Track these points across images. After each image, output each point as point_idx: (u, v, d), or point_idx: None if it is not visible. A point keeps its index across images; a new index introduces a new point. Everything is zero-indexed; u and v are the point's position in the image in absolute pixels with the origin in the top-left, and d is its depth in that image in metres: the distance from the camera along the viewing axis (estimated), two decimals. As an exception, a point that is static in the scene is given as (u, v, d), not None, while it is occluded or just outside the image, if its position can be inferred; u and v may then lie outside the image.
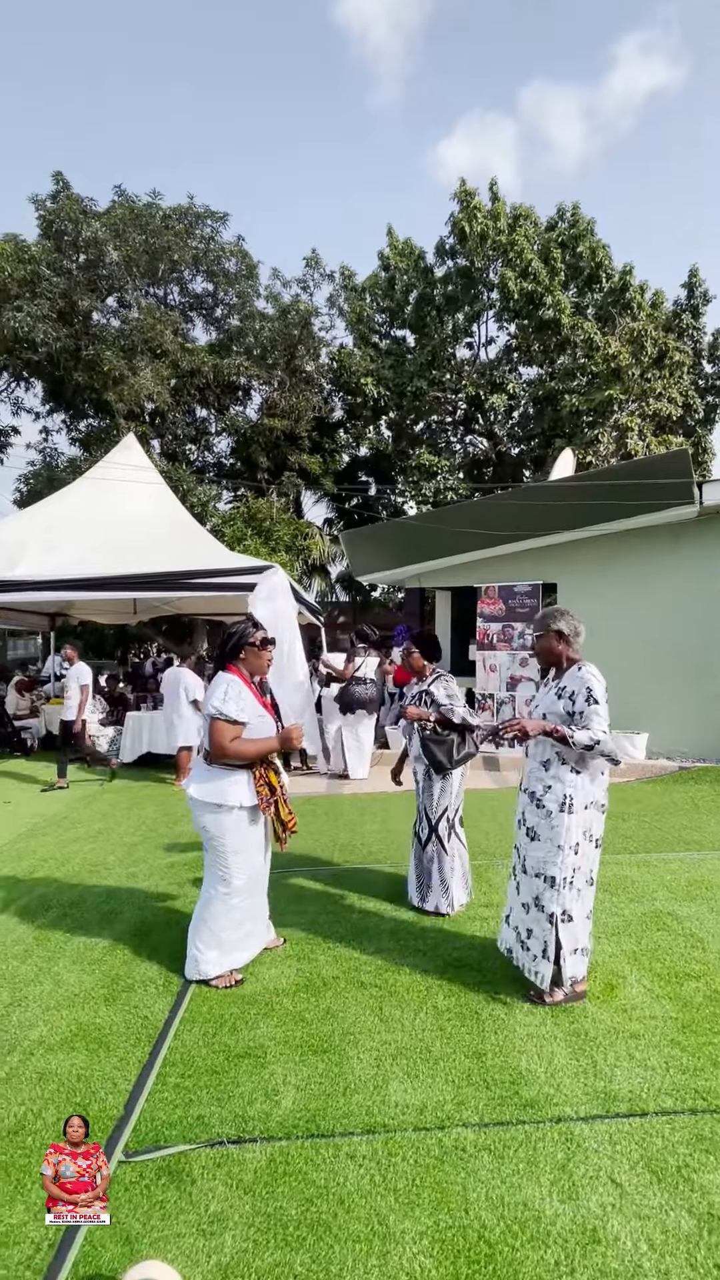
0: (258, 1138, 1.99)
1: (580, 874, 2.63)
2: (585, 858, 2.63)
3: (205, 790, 2.79)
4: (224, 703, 2.72)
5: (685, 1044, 2.37)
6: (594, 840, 2.65)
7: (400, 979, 2.86)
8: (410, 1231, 1.66)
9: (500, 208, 16.19)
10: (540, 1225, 1.66)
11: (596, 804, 2.64)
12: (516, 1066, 2.27)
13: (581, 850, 2.62)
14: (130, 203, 13.10)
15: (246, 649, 2.86)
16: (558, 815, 2.61)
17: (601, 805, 2.66)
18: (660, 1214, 1.69)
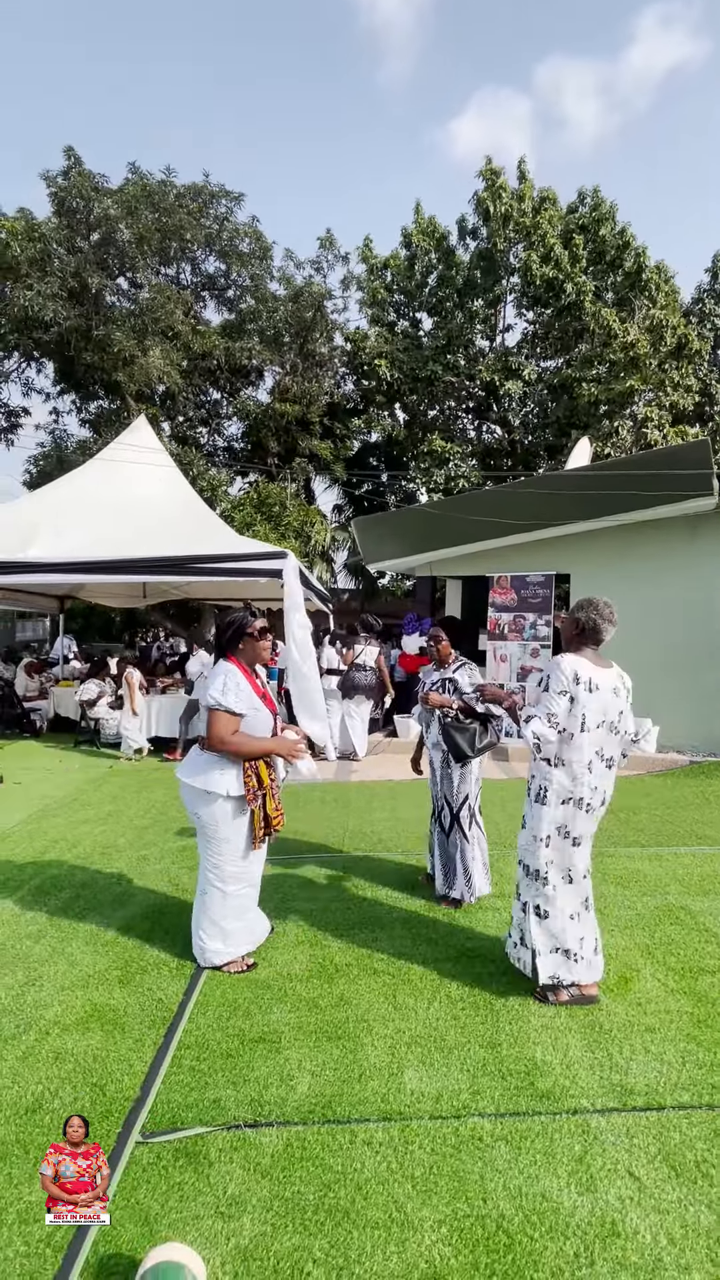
0: (274, 1122, 1.99)
1: (555, 869, 2.57)
2: (559, 853, 2.57)
3: (195, 777, 2.78)
4: (223, 694, 2.69)
5: (701, 1039, 2.36)
6: (571, 838, 2.56)
7: (413, 967, 2.86)
8: (429, 1220, 1.66)
9: (528, 188, 15.87)
10: (559, 1216, 1.66)
11: (575, 800, 2.54)
12: (531, 1057, 2.27)
13: (554, 844, 2.56)
14: (144, 180, 12.90)
15: (245, 639, 2.81)
16: (533, 805, 2.62)
17: (582, 801, 2.54)
18: (680, 1208, 1.68)
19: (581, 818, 2.57)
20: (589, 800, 2.56)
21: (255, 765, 2.76)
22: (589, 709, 2.50)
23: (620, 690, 2.58)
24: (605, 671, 2.57)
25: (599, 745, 2.53)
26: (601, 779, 2.57)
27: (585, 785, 2.54)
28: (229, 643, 2.83)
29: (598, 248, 15.65)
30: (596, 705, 2.51)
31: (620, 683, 2.60)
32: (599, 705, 2.51)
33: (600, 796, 2.59)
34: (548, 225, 15.05)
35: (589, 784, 2.54)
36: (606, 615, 2.61)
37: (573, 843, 2.58)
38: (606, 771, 2.59)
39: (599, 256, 15.84)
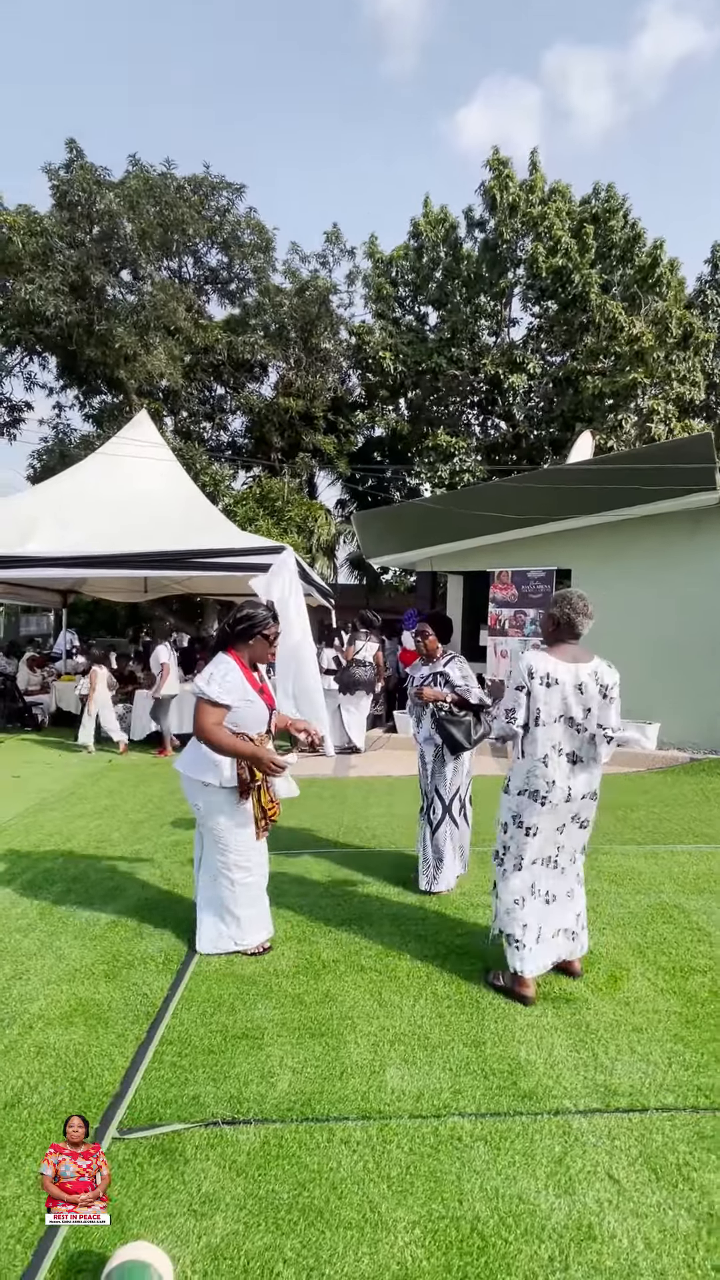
0: (252, 1119, 1.98)
1: (509, 855, 2.62)
2: (514, 840, 2.60)
3: (190, 766, 2.81)
4: (208, 684, 2.68)
5: (689, 1039, 2.33)
6: (525, 827, 2.57)
7: (401, 964, 2.84)
8: (403, 1220, 1.64)
9: (539, 179, 15.71)
10: (535, 1219, 1.64)
11: (530, 791, 2.55)
12: (515, 1057, 2.24)
13: (510, 831, 2.62)
14: (145, 173, 12.82)
15: (257, 637, 2.80)
16: (501, 792, 2.70)
17: (537, 794, 2.53)
18: (658, 1212, 1.65)
19: (536, 810, 2.56)
20: (545, 794, 2.54)
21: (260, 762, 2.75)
22: (545, 704, 2.50)
23: (589, 686, 2.53)
24: (574, 666, 2.54)
25: (556, 740, 2.52)
26: (560, 773, 2.53)
27: (541, 779, 2.54)
28: (237, 636, 2.80)
29: (608, 240, 15.49)
30: (555, 700, 2.50)
31: (591, 678, 2.54)
32: (557, 700, 2.50)
33: (562, 792, 2.54)
34: (555, 216, 14.90)
35: (545, 778, 2.53)
36: (580, 609, 2.61)
37: (526, 832, 2.58)
38: (569, 767, 2.55)
39: (609, 249, 15.69)
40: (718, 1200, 1.68)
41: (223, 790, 2.77)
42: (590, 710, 2.53)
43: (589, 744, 2.57)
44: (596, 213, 15.47)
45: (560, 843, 2.64)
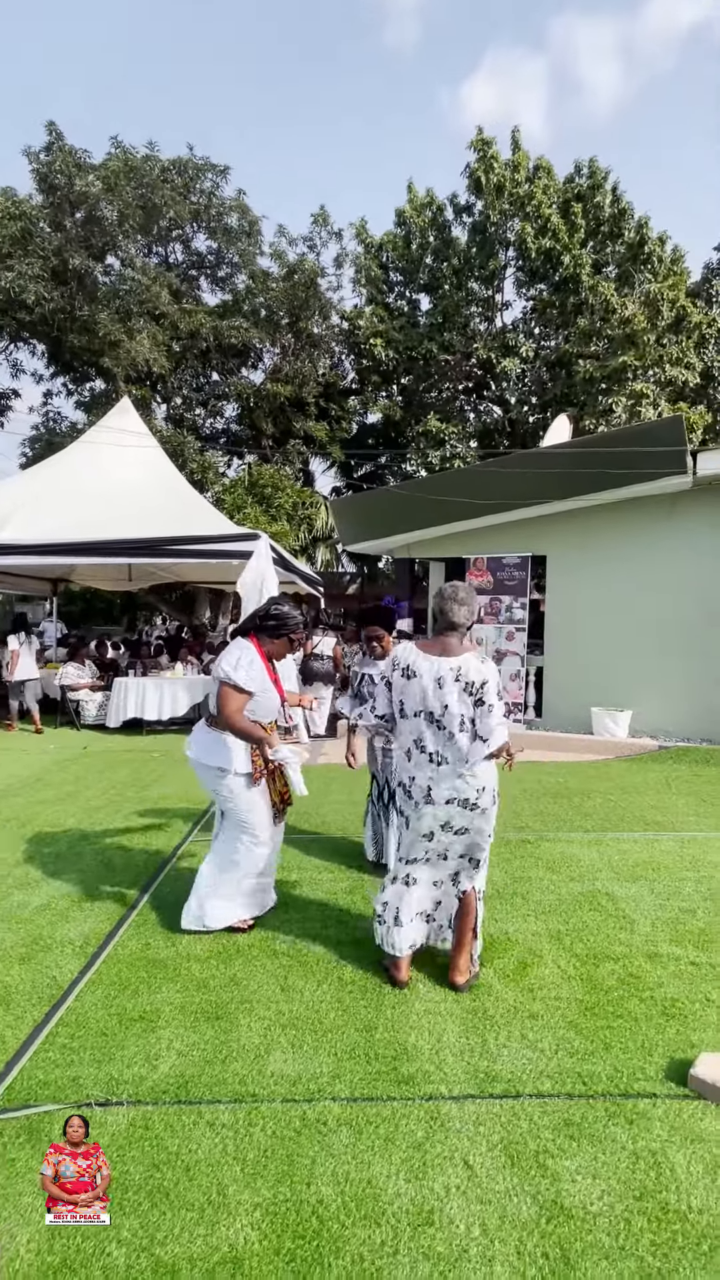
0: (125, 1101, 1.98)
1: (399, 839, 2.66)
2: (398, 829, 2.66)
3: (206, 754, 2.90)
4: (235, 669, 2.76)
5: (583, 1026, 2.31)
6: (405, 817, 2.59)
7: (314, 949, 2.84)
8: (247, 1203, 1.64)
9: (522, 158, 15.40)
10: (378, 1204, 1.63)
11: (400, 783, 2.58)
12: (404, 1042, 2.23)
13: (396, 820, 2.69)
14: (127, 154, 12.64)
15: (285, 638, 2.92)
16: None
17: (402, 785, 2.55)
18: (503, 1199, 1.64)
19: (404, 800, 2.56)
20: (409, 788, 2.52)
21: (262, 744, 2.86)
22: (405, 695, 2.49)
23: (447, 680, 2.39)
24: (437, 659, 2.43)
25: (417, 734, 2.47)
26: (420, 771, 2.46)
27: (403, 772, 2.53)
28: (266, 629, 2.89)
29: (596, 216, 15.16)
30: (413, 692, 2.46)
31: (451, 673, 2.39)
32: (415, 693, 2.45)
33: (421, 791, 2.46)
34: (542, 195, 14.59)
35: (406, 772, 2.52)
36: (450, 596, 2.52)
37: (406, 822, 2.57)
38: (432, 767, 2.44)
39: (597, 227, 15.36)
40: (565, 1188, 1.67)
41: (234, 776, 2.87)
42: (448, 707, 2.38)
43: (450, 744, 2.41)
44: (581, 190, 15.13)
45: (430, 847, 2.53)
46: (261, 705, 2.85)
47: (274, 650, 2.92)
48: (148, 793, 5.47)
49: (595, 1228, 1.56)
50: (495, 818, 2.54)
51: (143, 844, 4.20)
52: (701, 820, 4.64)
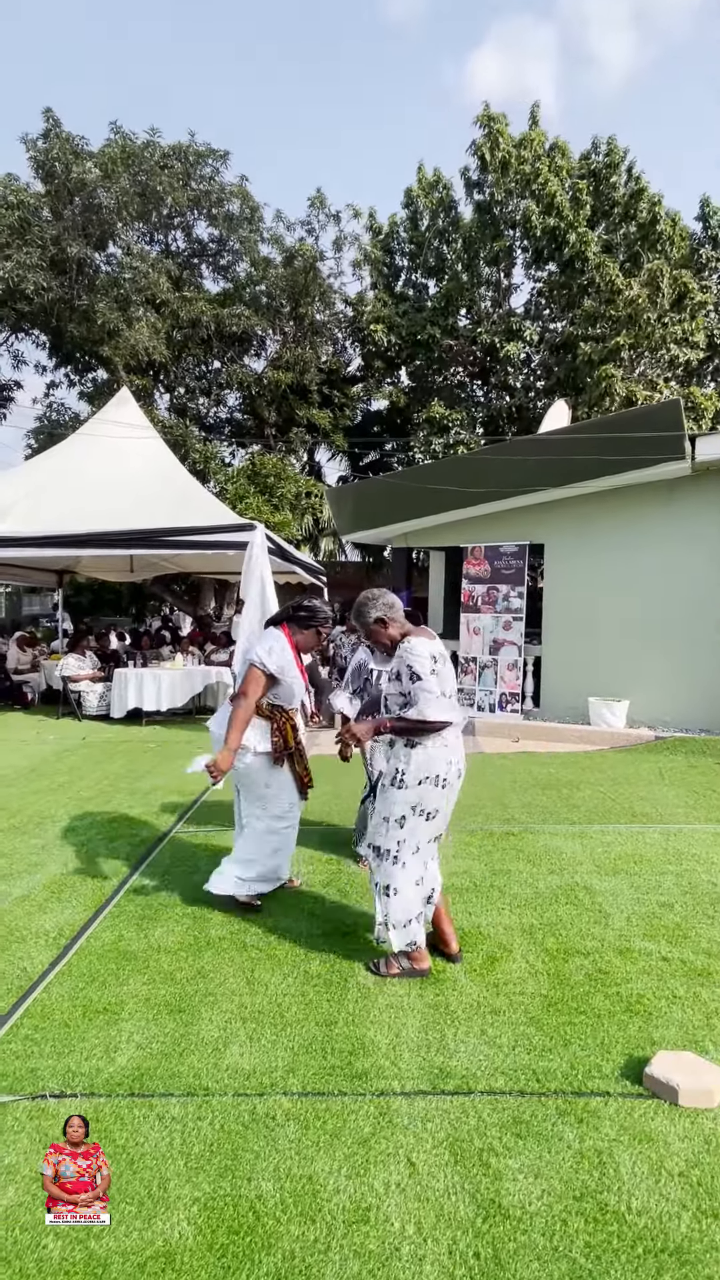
0: (79, 1093, 2.00)
1: (404, 846, 2.54)
2: (412, 833, 2.54)
3: (223, 727, 2.98)
4: (268, 655, 2.90)
5: (544, 1023, 2.29)
6: (424, 814, 2.54)
7: (284, 943, 2.84)
8: (185, 1198, 1.64)
9: (539, 135, 15.04)
10: (316, 1200, 1.63)
11: (433, 779, 2.50)
12: (362, 1036, 2.23)
13: (409, 824, 2.53)
14: (127, 140, 12.51)
15: (314, 631, 3.06)
16: (388, 789, 2.54)
17: (439, 779, 2.50)
18: (442, 1197, 1.63)
19: (437, 794, 2.53)
20: (444, 775, 2.52)
21: (282, 725, 3.01)
22: (444, 681, 2.49)
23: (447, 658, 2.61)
24: (435, 642, 2.59)
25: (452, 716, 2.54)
26: (456, 751, 2.58)
27: (442, 761, 2.50)
28: (298, 620, 3.06)
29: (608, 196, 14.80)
30: (448, 676, 2.53)
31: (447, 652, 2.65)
32: (449, 676, 2.53)
33: (457, 770, 2.57)
34: (549, 173, 14.26)
35: (445, 758, 2.51)
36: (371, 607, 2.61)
37: (427, 818, 2.54)
38: (457, 742, 2.59)
39: (611, 206, 15.00)
40: (506, 1187, 1.65)
41: (254, 754, 2.99)
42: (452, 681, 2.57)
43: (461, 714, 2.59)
44: (596, 169, 14.77)
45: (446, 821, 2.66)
46: (283, 690, 2.98)
47: (303, 641, 3.05)
48: (140, 784, 5.51)
49: (531, 1228, 1.55)
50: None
51: (128, 835, 4.23)
52: (690, 812, 4.58)
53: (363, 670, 3.60)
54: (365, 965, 2.64)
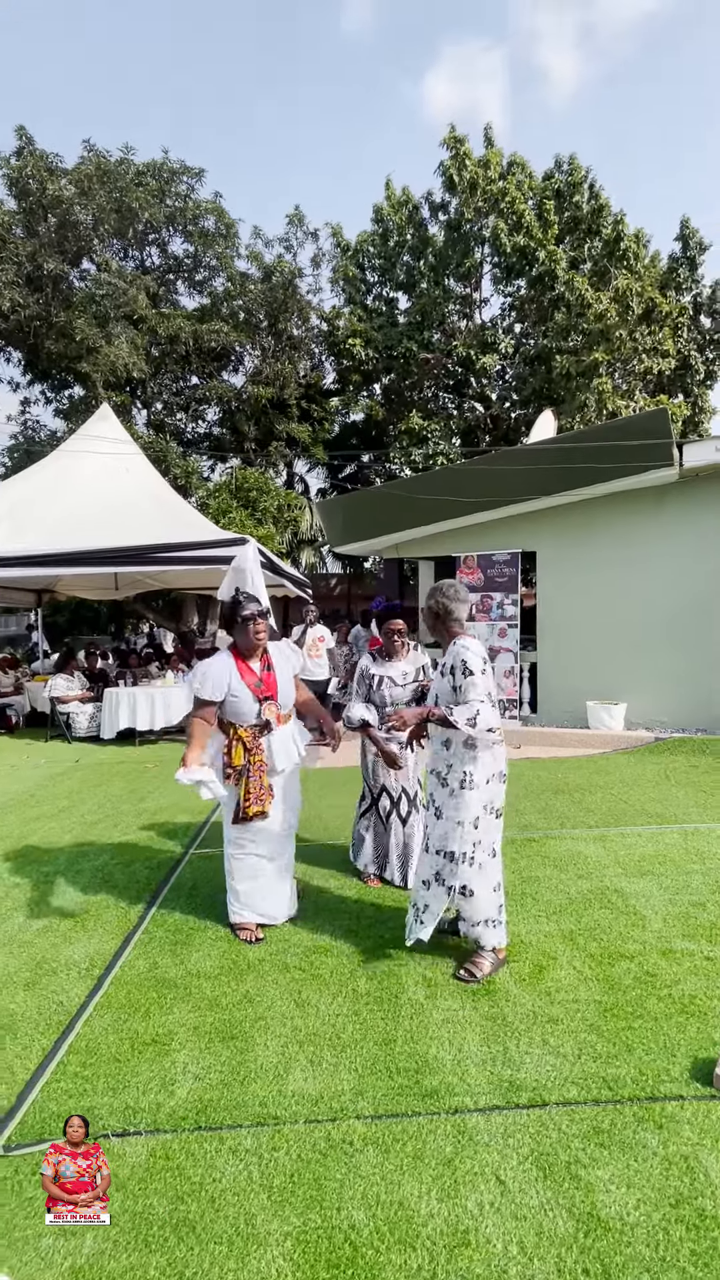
0: (143, 1130, 1.93)
1: (481, 848, 2.58)
2: (487, 833, 2.59)
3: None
4: (201, 682, 2.86)
5: (604, 1029, 2.29)
6: (494, 812, 2.61)
7: (326, 962, 2.79)
8: (276, 1232, 1.59)
9: (495, 155, 15.45)
10: (412, 1226, 1.59)
11: (498, 775, 2.59)
12: (425, 1054, 2.20)
13: (482, 825, 2.57)
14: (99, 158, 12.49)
15: (238, 626, 2.94)
16: (459, 792, 2.56)
17: (502, 775, 2.62)
18: (538, 1214, 1.61)
19: (502, 791, 2.62)
20: (504, 770, 2.61)
21: (231, 747, 2.91)
22: (491, 685, 2.54)
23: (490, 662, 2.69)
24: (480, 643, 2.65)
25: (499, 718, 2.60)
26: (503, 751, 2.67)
27: (502, 759, 2.60)
28: (230, 633, 3.00)
29: (573, 214, 15.24)
30: (491, 678, 2.57)
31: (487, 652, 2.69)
32: (493, 678, 2.59)
33: (504, 772, 2.65)
34: (516, 191, 14.64)
35: (503, 756, 2.62)
36: (453, 595, 2.62)
37: (496, 815, 2.62)
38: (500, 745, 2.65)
39: (575, 223, 15.44)
40: (601, 1199, 1.64)
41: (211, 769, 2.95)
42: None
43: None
44: (560, 187, 15.21)
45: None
46: (230, 709, 2.90)
47: (243, 646, 2.94)
48: (144, 805, 5.39)
49: (634, 1239, 1.53)
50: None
51: (143, 859, 4.13)
52: (704, 812, 4.65)
53: (365, 675, 3.57)
54: (454, 976, 2.62)
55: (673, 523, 7.14)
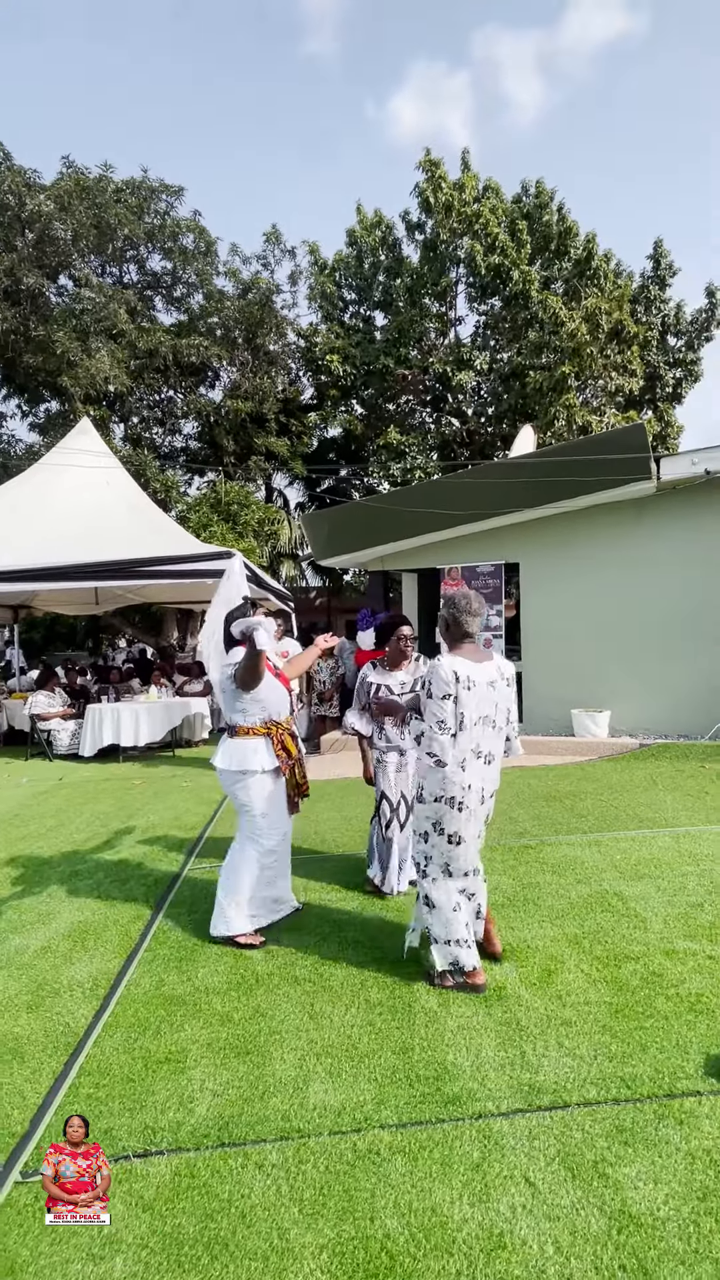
0: (165, 1149, 1.90)
1: (433, 864, 2.62)
2: (436, 849, 2.60)
3: (229, 760, 3.04)
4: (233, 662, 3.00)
5: (617, 1029, 2.32)
6: (445, 834, 2.57)
7: (336, 973, 2.78)
8: (311, 1245, 1.58)
9: (470, 179, 15.87)
10: (446, 1232, 1.59)
11: (446, 799, 2.53)
12: (443, 1061, 2.20)
13: (431, 840, 2.61)
14: (79, 174, 12.53)
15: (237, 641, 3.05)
16: (415, 804, 2.66)
17: (453, 800, 2.52)
18: (571, 1214, 1.63)
19: (455, 816, 2.55)
20: (460, 799, 2.53)
21: (282, 738, 3.06)
22: (467, 707, 2.48)
23: (498, 683, 2.55)
24: (483, 666, 2.54)
25: (474, 743, 2.51)
26: (475, 776, 2.54)
27: (456, 784, 2.52)
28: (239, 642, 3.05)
29: (543, 234, 15.71)
30: (475, 701, 2.49)
31: (499, 675, 2.57)
32: (476, 702, 2.49)
33: (477, 796, 2.56)
34: (489, 214, 15.06)
35: (461, 782, 2.52)
36: (465, 607, 2.59)
37: (449, 839, 2.57)
38: (485, 768, 2.57)
39: (545, 244, 15.90)
40: (630, 1196, 1.66)
41: (260, 775, 3.02)
42: (498, 705, 2.56)
43: (498, 741, 2.60)
44: (528, 210, 15.69)
45: (478, 848, 2.65)
46: (269, 698, 3.01)
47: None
48: (135, 822, 5.31)
49: (666, 1233, 1.56)
50: None
51: (139, 876, 4.07)
52: (692, 815, 4.75)
53: (365, 684, 3.60)
54: (424, 977, 2.65)
55: (651, 534, 7.34)
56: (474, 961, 2.60)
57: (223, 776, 3.09)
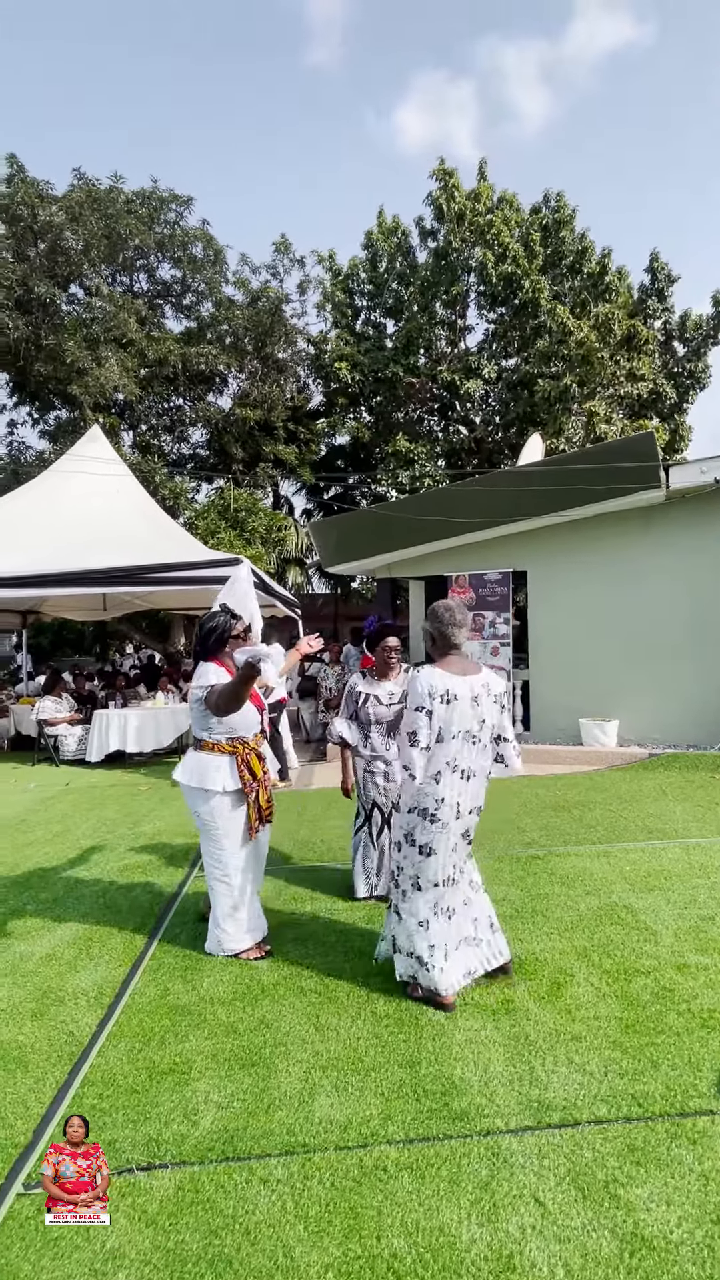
0: (169, 1163, 1.87)
1: (404, 875, 2.59)
2: (408, 860, 2.57)
3: (191, 776, 2.94)
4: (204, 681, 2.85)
5: (627, 1045, 2.29)
6: (418, 847, 2.54)
7: (341, 984, 2.76)
8: (316, 1264, 1.55)
9: (486, 189, 15.96)
10: (454, 1252, 1.56)
11: (419, 809, 2.51)
12: (450, 1075, 2.17)
13: (404, 850, 2.59)
14: (90, 186, 12.71)
15: (230, 641, 2.97)
16: (394, 812, 2.69)
17: (426, 812, 2.50)
18: (582, 1235, 1.59)
19: (427, 828, 2.52)
20: (434, 811, 2.49)
21: (247, 759, 2.93)
22: (445, 721, 2.45)
23: (483, 698, 2.50)
24: (468, 679, 2.49)
25: (451, 756, 2.47)
26: (451, 790, 2.49)
27: (430, 797, 2.49)
28: (210, 648, 2.97)
29: (557, 249, 15.77)
30: (456, 716, 2.45)
31: (484, 690, 2.51)
32: (456, 716, 2.45)
33: (451, 810, 2.51)
34: (502, 224, 15.14)
35: (435, 795, 2.49)
36: (448, 619, 2.55)
37: (420, 850, 2.54)
38: (460, 783, 2.51)
39: (558, 259, 15.96)
40: (642, 1218, 1.63)
41: (220, 795, 2.89)
42: (485, 721, 2.51)
43: (482, 757, 2.55)
44: (547, 223, 15.75)
45: (454, 861, 2.60)
46: (237, 719, 2.89)
47: (228, 664, 2.94)
48: (141, 828, 5.31)
49: (679, 1257, 1.52)
50: None
51: (144, 882, 4.06)
52: (703, 826, 4.70)
53: (353, 693, 3.58)
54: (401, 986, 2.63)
55: (660, 542, 7.31)
56: (437, 985, 2.50)
57: (185, 793, 2.99)
